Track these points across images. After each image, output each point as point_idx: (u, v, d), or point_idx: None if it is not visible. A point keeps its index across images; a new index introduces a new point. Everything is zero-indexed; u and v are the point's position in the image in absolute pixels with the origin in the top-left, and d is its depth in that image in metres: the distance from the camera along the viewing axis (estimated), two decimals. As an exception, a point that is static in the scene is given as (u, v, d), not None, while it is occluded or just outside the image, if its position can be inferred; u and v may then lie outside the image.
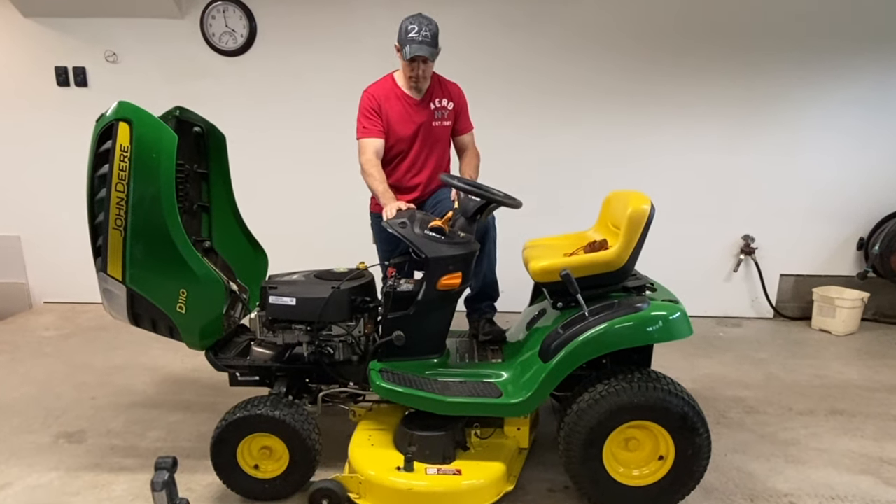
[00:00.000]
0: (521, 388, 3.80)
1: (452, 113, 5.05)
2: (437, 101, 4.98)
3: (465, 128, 5.19)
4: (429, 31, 4.63)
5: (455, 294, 4.15)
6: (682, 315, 3.69)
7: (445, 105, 5.01)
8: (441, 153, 5.12)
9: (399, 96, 4.92)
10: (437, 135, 5.03)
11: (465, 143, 5.22)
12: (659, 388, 3.62)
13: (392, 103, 4.89)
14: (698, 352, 6.41)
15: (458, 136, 5.18)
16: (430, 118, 4.96)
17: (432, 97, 4.97)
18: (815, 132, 7.15)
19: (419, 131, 4.94)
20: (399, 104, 4.90)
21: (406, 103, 4.91)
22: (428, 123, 4.95)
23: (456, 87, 5.13)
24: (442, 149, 5.12)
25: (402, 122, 4.90)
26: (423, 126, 4.94)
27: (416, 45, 4.59)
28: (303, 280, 4.21)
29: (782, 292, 7.60)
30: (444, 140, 5.11)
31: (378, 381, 3.88)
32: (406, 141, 4.95)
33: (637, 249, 3.79)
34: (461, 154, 5.25)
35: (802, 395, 5.50)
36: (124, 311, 3.93)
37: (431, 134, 4.99)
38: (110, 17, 7.08)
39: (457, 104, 5.07)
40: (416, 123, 4.92)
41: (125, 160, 3.60)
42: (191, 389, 5.49)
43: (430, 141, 5.01)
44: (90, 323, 7.16)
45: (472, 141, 5.25)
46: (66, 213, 7.29)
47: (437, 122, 4.99)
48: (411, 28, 4.62)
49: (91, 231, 3.84)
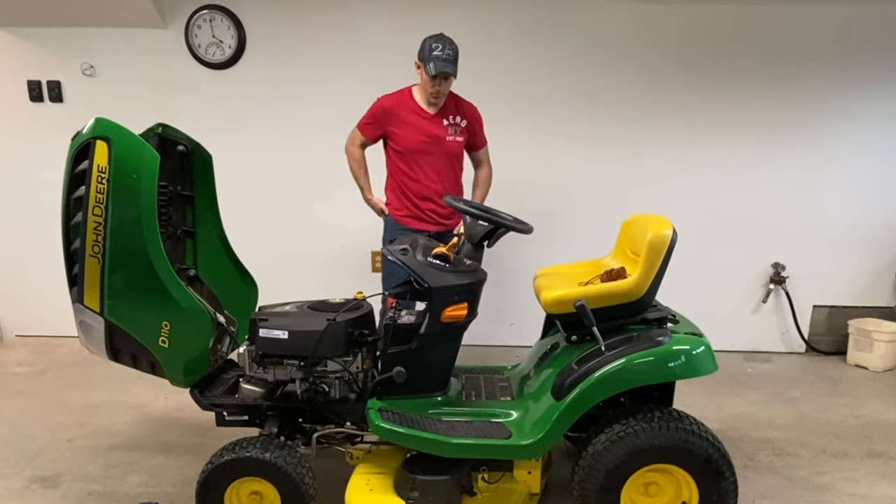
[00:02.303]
0: (532, 429, 3.81)
1: (465, 131, 5.65)
2: (451, 118, 5.59)
3: (478, 144, 5.87)
4: (451, 51, 5.28)
5: (460, 326, 4.16)
6: (706, 349, 3.70)
7: (459, 122, 5.61)
8: (454, 167, 5.72)
9: (414, 109, 5.53)
10: (451, 149, 5.62)
11: (481, 157, 5.94)
12: (681, 428, 3.63)
13: (406, 114, 5.52)
14: (724, 389, 6.40)
15: (473, 151, 5.87)
16: (443, 133, 5.56)
17: (446, 113, 5.57)
18: (849, 151, 7.14)
19: (432, 143, 5.52)
20: (413, 116, 5.51)
21: (421, 116, 5.52)
22: (441, 138, 5.55)
23: (471, 106, 5.75)
24: (455, 163, 5.71)
25: (414, 132, 5.50)
26: (436, 139, 5.53)
27: (441, 63, 5.20)
28: (295, 311, 4.19)
29: (815, 325, 7.58)
30: (457, 155, 5.71)
31: (377, 420, 3.88)
32: (419, 152, 5.53)
33: (658, 278, 3.81)
34: (477, 168, 5.99)
35: (837, 436, 5.49)
36: (102, 345, 3.91)
37: (443, 148, 5.57)
38: (87, 27, 7.06)
39: (470, 122, 5.68)
40: (427, 135, 5.51)
41: (103, 182, 3.59)
42: (174, 430, 5.48)
43: (442, 154, 5.58)
44: (66, 358, 7.12)
45: (488, 155, 5.96)
46: (39, 239, 7.25)
47: (451, 137, 5.59)
48: (435, 46, 5.24)
49: (66, 258, 3.85)
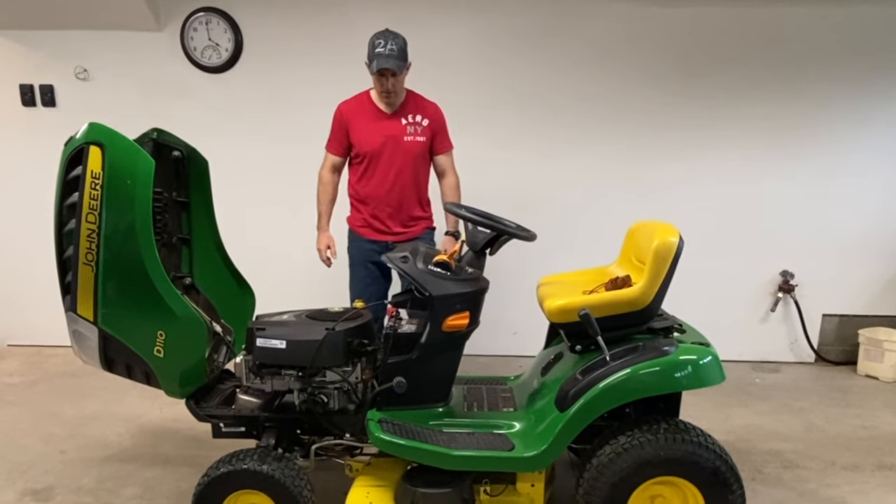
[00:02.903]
0: (535, 441, 3.82)
1: (427, 130, 5.53)
2: (410, 117, 5.48)
3: (442, 147, 5.66)
4: (395, 45, 5.16)
5: (462, 336, 4.17)
6: (713, 359, 3.71)
7: (419, 121, 5.49)
8: (415, 170, 5.54)
9: (370, 110, 5.48)
10: (410, 150, 5.48)
11: (444, 164, 5.68)
12: (688, 440, 3.64)
13: (360, 116, 5.47)
14: (732, 400, 6.40)
15: (436, 155, 5.66)
16: (400, 132, 5.45)
17: (405, 112, 5.49)
18: (859, 157, 7.17)
19: (387, 144, 5.41)
20: (368, 117, 5.46)
21: (375, 117, 5.46)
22: (398, 137, 5.44)
23: (433, 106, 5.64)
24: (416, 165, 5.54)
25: (370, 133, 5.43)
26: (393, 139, 5.42)
27: (383, 59, 5.12)
28: (294, 321, 4.19)
29: (825, 334, 7.59)
30: (417, 156, 5.53)
31: (377, 432, 3.88)
32: (374, 154, 5.44)
33: (664, 286, 3.82)
34: (440, 177, 5.74)
35: (847, 448, 5.50)
36: (96, 354, 3.92)
37: (401, 148, 5.44)
38: (81, 30, 7.07)
39: (433, 121, 5.55)
40: (383, 136, 5.41)
41: (97, 188, 3.60)
42: (170, 441, 5.49)
43: (401, 155, 5.45)
44: (58, 368, 7.13)
45: (452, 163, 5.74)
46: (31, 247, 7.22)
47: (410, 136, 5.47)
48: (378, 43, 5.17)
49: (59, 266, 3.86)
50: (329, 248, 5.61)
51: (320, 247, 5.62)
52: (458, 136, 5.67)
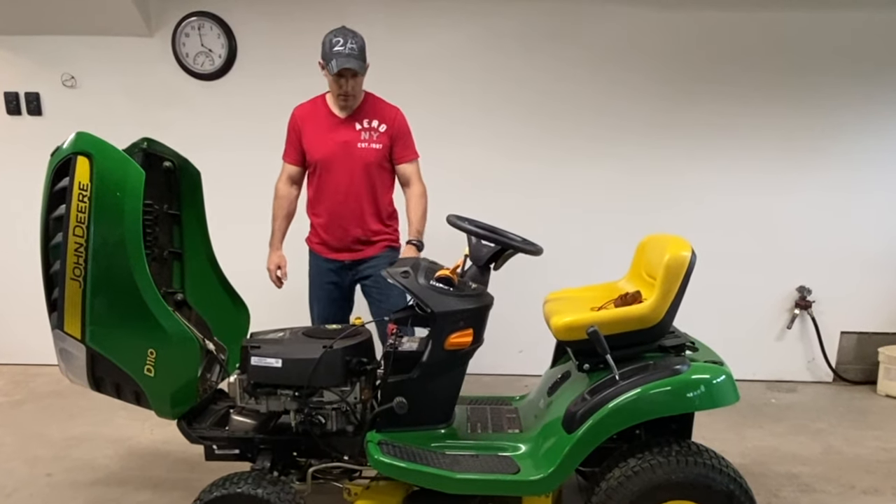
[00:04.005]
0: (541, 463, 3.82)
1: (385, 136, 5.30)
2: (366, 122, 5.28)
3: (404, 155, 5.40)
4: (355, 44, 5.00)
5: (465, 354, 4.17)
6: (727, 379, 3.71)
7: (375, 126, 5.28)
8: (370, 180, 5.31)
9: (323, 115, 5.33)
10: (363, 157, 5.25)
11: (408, 173, 5.42)
12: (701, 462, 3.63)
13: (312, 122, 5.33)
14: (746, 421, 6.40)
15: (398, 164, 5.40)
16: (353, 138, 5.25)
17: (360, 117, 5.29)
18: (880, 169, 7.16)
19: (339, 152, 5.23)
20: (320, 122, 5.31)
21: (328, 122, 5.30)
22: (351, 144, 5.24)
23: (394, 110, 5.41)
24: (371, 174, 5.31)
25: (321, 140, 5.28)
26: (345, 146, 5.23)
27: (344, 58, 4.94)
28: (290, 338, 4.21)
29: (843, 352, 7.57)
30: (373, 164, 5.29)
31: (377, 454, 3.88)
32: (325, 162, 5.28)
33: (676, 303, 3.82)
34: (404, 187, 5.48)
35: (867, 470, 5.49)
36: (84, 373, 3.93)
37: (354, 155, 5.23)
38: (68, 36, 7.08)
39: (391, 127, 5.31)
40: (334, 142, 5.24)
41: (84, 200, 3.60)
42: (161, 464, 5.48)
43: (354, 163, 5.24)
44: (45, 388, 7.12)
45: (417, 172, 5.46)
46: (16, 261, 7.26)
47: (364, 143, 5.25)
48: (336, 41, 4.99)
49: (45, 282, 3.86)
50: (280, 268, 5.48)
51: (270, 266, 5.48)
52: (459, 145, 5.68)
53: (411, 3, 6.80)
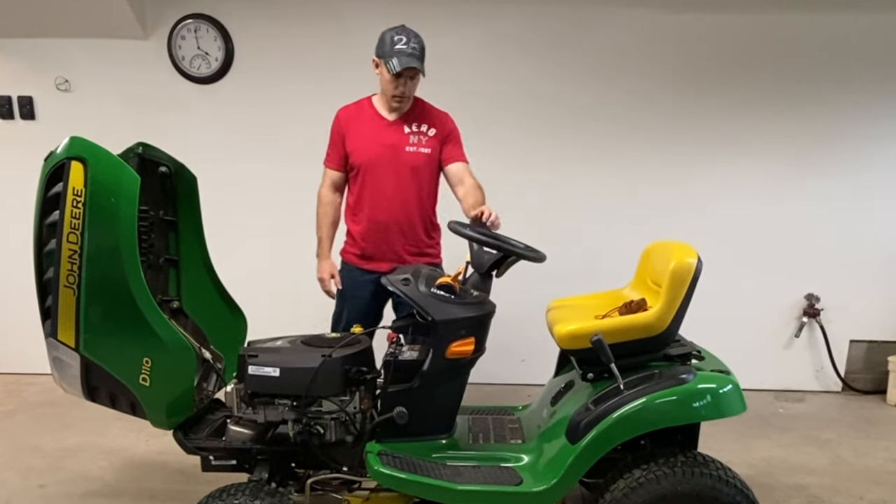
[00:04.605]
0: (544, 474, 3.82)
1: (434, 140, 5.15)
2: (415, 126, 5.12)
3: (454, 155, 5.22)
4: (417, 44, 4.84)
5: (467, 363, 4.16)
6: (734, 388, 3.71)
7: (424, 130, 5.13)
8: (418, 185, 5.16)
9: (370, 117, 5.14)
10: (411, 161, 5.09)
11: (459, 173, 5.19)
12: (707, 473, 3.63)
13: (359, 124, 5.13)
14: (753, 431, 6.40)
15: (448, 164, 5.21)
16: (402, 141, 5.09)
17: (409, 120, 5.13)
18: (890, 174, 7.16)
19: (385, 155, 5.05)
20: (367, 125, 5.12)
21: (375, 124, 5.12)
22: (399, 147, 5.07)
23: (444, 115, 5.28)
24: (419, 180, 5.15)
25: (366, 143, 5.09)
26: (392, 149, 5.06)
27: (406, 57, 4.77)
28: (288, 347, 4.20)
29: (852, 361, 7.56)
30: (421, 170, 5.14)
31: (376, 465, 3.89)
32: (369, 165, 5.08)
33: (681, 311, 3.82)
34: (456, 186, 5.22)
35: (876, 482, 5.49)
36: (78, 383, 3.92)
37: (401, 159, 5.07)
38: (62, 38, 7.07)
39: (441, 131, 5.17)
40: (381, 145, 5.06)
41: (78, 206, 3.59)
42: (156, 476, 5.47)
43: (401, 167, 5.07)
44: (38, 397, 7.11)
45: (469, 171, 5.24)
46: (9, 269, 7.21)
47: (413, 147, 5.10)
48: (399, 38, 4.80)
49: (38, 289, 3.86)
50: (333, 277, 5.30)
51: (322, 276, 5.31)
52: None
53: (411, 8, 6.78)
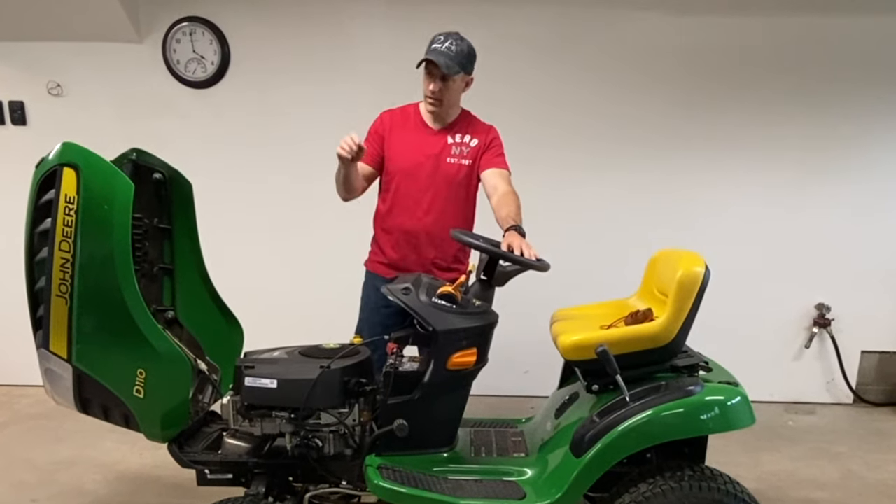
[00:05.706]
0: (548, 489, 3.82)
1: (475, 150, 5.05)
2: (458, 137, 5.05)
3: (489, 162, 5.04)
4: (454, 46, 4.76)
5: (469, 375, 4.17)
6: (742, 400, 3.71)
7: (466, 142, 5.05)
8: (456, 197, 5.08)
9: (416, 123, 5.08)
10: (449, 173, 5.02)
11: (493, 179, 4.99)
12: (715, 488, 3.64)
13: (404, 129, 5.07)
14: (762, 444, 6.40)
15: (484, 170, 5.04)
16: (444, 152, 5.01)
17: (453, 131, 5.07)
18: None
19: (426, 164, 4.98)
20: (409, 130, 5.06)
21: (418, 131, 5.06)
22: (440, 157, 5.00)
23: (488, 127, 5.20)
24: (458, 192, 5.07)
25: (407, 148, 5.02)
26: (433, 159, 4.99)
27: (432, 52, 4.73)
28: (285, 358, 4.19)
29: (864, 372, 7.57)
30: (458, 182, 5.05)
31: (376, 479, 3.89)
32: (407, 172, 5.01)
33: (688, 321, 3.83)
34: (494, 193, 4.95)
35: (888, 496, 5.49)
36: (70, 395, 3.91)
37: (441, 169, 5.00)
38: (53, 42, 7.07)
39: (482, 142, 5.06)
40: (423, 153, 4.99)
41: (71, 213, 3.58)
42: (151, 489, 5.48)
43: (439, 178, 5.00)
44: (29, 409, 7.11)
45: (505, 178, 5.02)
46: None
47: (454, 158, 5.02)
48: (437, 38, 4.81)
49: (30, 299, 3.86)
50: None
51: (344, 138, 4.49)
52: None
53: (411, 9, 6.82)
